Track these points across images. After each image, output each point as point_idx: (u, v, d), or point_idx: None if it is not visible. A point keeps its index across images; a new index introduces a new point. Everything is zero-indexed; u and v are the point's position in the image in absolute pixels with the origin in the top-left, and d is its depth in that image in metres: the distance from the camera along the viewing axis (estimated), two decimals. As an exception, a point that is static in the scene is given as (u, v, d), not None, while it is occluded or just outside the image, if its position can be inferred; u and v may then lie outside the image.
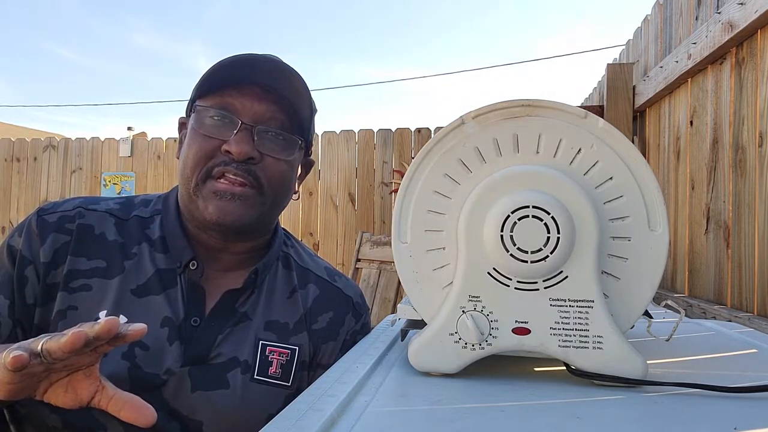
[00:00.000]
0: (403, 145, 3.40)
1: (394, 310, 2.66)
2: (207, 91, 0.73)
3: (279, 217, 0.84)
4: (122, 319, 0.67)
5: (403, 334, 0.69)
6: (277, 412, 0.71)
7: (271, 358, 0.73)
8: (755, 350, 0.66)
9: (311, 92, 0.79)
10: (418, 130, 3.39)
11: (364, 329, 0.85)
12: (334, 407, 0.42)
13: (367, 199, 3.42)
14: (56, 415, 0.65)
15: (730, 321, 1.21)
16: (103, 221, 0.75)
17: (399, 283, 2.69)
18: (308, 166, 0.86)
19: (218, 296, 0.74)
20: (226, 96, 0.72)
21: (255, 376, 0.72)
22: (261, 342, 0.74)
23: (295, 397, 0.72)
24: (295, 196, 0.83)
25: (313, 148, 0.87)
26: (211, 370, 0.69)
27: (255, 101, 0.73)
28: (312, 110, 0.79)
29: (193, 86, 0.76)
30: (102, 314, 0.67)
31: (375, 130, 3.45)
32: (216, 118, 0.72)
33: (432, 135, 3.23)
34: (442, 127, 0.55)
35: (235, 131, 0.71)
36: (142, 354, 0.67)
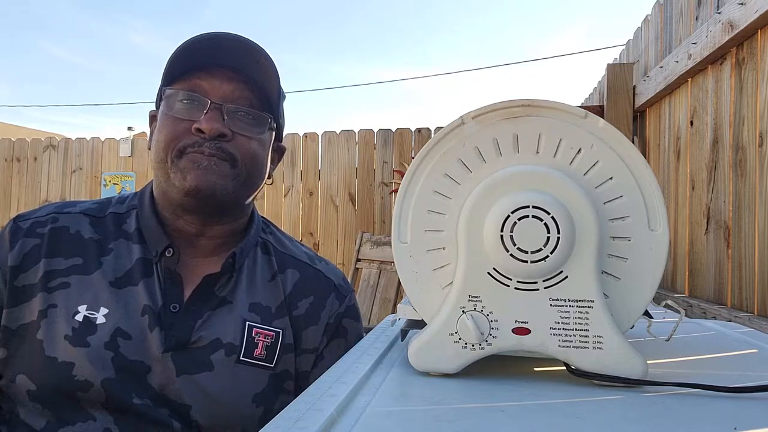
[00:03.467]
0: (403, 145, 3.40)
1: (394, 310, 2.66)
2: (174, 78, 0.75)
3: (281, 217, 0.86)
4: (102, 310, 0.69)
5: (403, 334, 0.69)
6: (262, 392, 0.73)
7: (257, 340, 0.74)
8: (755, 350, 0.66)
9: (311, 91, 0.80)
10: (418, 130, 3.39)
11: (350, 312, 0.85)
12: (334, 407, 0.42)
13: (367, 199, 3.42)
14: (48, 411, 0.66)
15: (730, 321, 1.21)
16: (78, 221, 0.76)
17: (399, 283, 2.69)
18: (280, 152, 0.87)
19: (197, 282, 0.75)
20: (194, 79, 0.74)
21: (241, 358, 0.72)
22: (248, 323, 0.74)
23: (278, 377, 0.76)
24: (269, 181, 0.85)
25: (313, 149, 0.90)
26: (194, 354, 0.70)
27: (223, 82, 0.74)
28: (280, 89, 0.80)
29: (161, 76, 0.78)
30: (82, 308, 0.69)
31: (375, 130, 3.45)
32: (185, 100, 0.73)
33: (432, 135, 3.23)
34: (442, 127, 0.55)
35: (204, 111, 0.73)
36: (125, 343, 0.68)
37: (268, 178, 0.83)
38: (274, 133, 0.82)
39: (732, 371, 0.56)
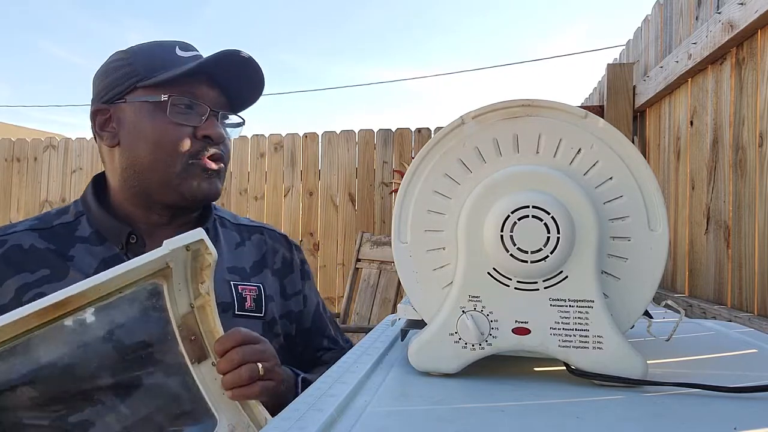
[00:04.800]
0: (403, 145, 3.40)
1: (394, 310, 2.66)
2: (157, 82, 0.77)
3: (280, 217, 0.91)
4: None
5: (403, 334, 0.69)
6: None
7: (245, 295, 0.82)
8: (755, 350, 0.66)
9: (311, 91, 0.84)
10: (418, 130, 3.39)
11: (305, 258, 0.98)
12: (334, 407, 0.42)
13: (367, 199, 3.42)
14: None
15: (730, 321, 1.21)
16: (26, 237, 0.78)
17: (399, 283, 2.69)
18: None
19: None
20: (183, 85, 0.77)
21: (237, 312, 0.79)
22: (231, 282, 0.81)
23: (269, 326, 0.82)
24: None
25: (313, 149, 0.98)
26: None
27: (209, 88, 0.80)
28: (259, 86, 0.86)
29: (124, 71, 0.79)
30: None
31: (375, 130, 3.45)
32: (183, 105, 0.77)
33: (432, 135, 3.23)
34: (442, 127, 0.55)
35: (204, 117, 0.78)
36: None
37: None
38: None
39: (732, 371, 0.56)
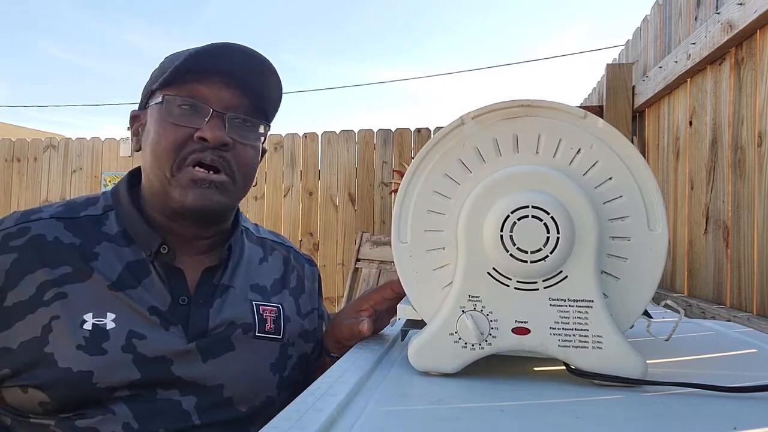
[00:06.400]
0: (403, 145, 3.40)
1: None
2: (169, 82, 0.74)
3: (280, 217, 0.88)
4: (110, 315, 0.68)
5: (403, 334, 0.69)
6: (276, 361, 0.78)
7: (266, 316, 0.80)
8: (754, 350, 0.66)
9: (311, 91, 0.81)
10: (418, 130, 3.39)
11: (320, 276, 0.97)
12: (334, 407, 0.42)
13: (367, 199, 3.42)
14: (62, 415, 0.65)
15: (729, 321, 1.21)
16: (51, 227, 0.72)
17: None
18: (263, 153, 0.88)
19: (197, 275, 0.77)
20: (192, 84, 0.74)
21: (257, 334, 0.77)
22: (254, 303, 0.80)
23: (286, 348, 0.81)
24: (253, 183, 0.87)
25: (313, 149, 0.94)
26: (215, 338, 0.73)
27: (222, 89, 0.75)
28: (280, 95, 0.82)
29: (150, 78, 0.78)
30: (88, 317, 0.67)
31: (375, 130, 3.45)
32: (185, 106, 0.73)
33: (432, 135, 3.23)
34: (442, 127, 0.55)
35: (206, 119, 0.73)
36: (141, 343, 0.68)
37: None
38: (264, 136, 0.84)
39: (731, 371, 0.56)
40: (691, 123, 1.74)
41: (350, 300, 2.88)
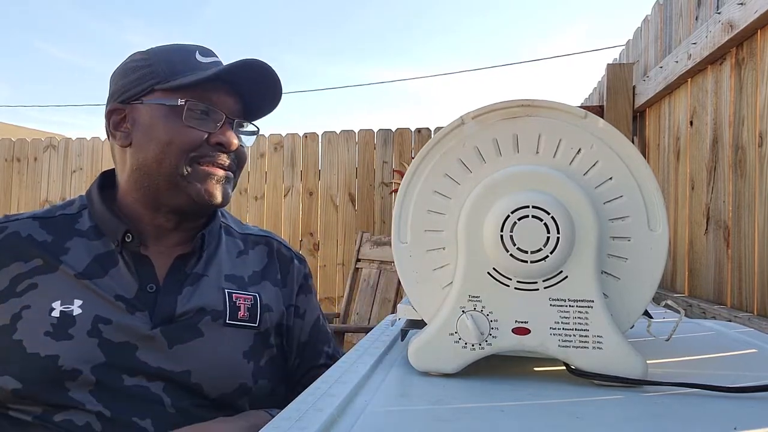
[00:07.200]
0: (403, 145, 3.40)
1: (394, 310, 2.66)
2: (178, 87, 0.77)
3: (280, 217, 0.90)
4: (77, 302, 0.70)
5: (403, 334, 0.69)
6: (250, 349, 0.78)
7: (239, 304, 0.80)
8: (755, 350, 0.66)
9: (311, 91, 0.84)
10: (418, 130, 3.39)
11: (309, 274, 0.96)
12: (334, 407, 0.42)
13: (367, 199, 3.42)
14: (36, 406, 0.68)
15: (729, 321, 1.21)
16: (27, 225, 0.78)
17: (399, 283, 2.69)
18: None
19: (169, 262, 0.79)
20: (205, 92, 0.78)
21: (227, 321, 0.78)
22: (227, 291, 0.81)
23: (263, 336, 0.81)
24: None
25: (313, 149, 0.98)
26: (182, 325, 0.75)
27: (227, 95, 0.80)
28: (277, 104, 0.88)
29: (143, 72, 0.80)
30: (56, 304, 0.71)
31: (375, 130, 3.45)
32: (201, 112, 0.78)
33: (432, 135, 3.23)
34: (442, 127, 0.55)
35: (219, 124, 0.78)
36: (107, 327, 0.71)
37: None
38: None
39: (732, 371, 0.56)
40: (691, 123, 1.74)
41: (350, 300, 2.88)
